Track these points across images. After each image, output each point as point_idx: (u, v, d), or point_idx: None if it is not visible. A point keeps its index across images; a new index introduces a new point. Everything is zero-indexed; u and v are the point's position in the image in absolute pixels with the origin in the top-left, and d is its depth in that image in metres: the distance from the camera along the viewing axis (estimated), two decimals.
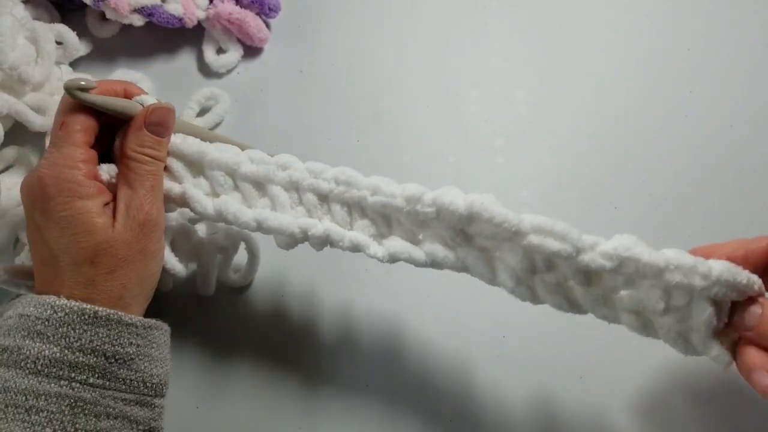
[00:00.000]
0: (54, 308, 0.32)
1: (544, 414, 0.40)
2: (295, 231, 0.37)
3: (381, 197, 0.35)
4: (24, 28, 0.47)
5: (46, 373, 0.32)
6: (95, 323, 0.33)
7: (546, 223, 0.32)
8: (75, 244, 0.34)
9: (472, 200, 0.33)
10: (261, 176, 0.37)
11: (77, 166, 0.35)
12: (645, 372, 0.41)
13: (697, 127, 0.47)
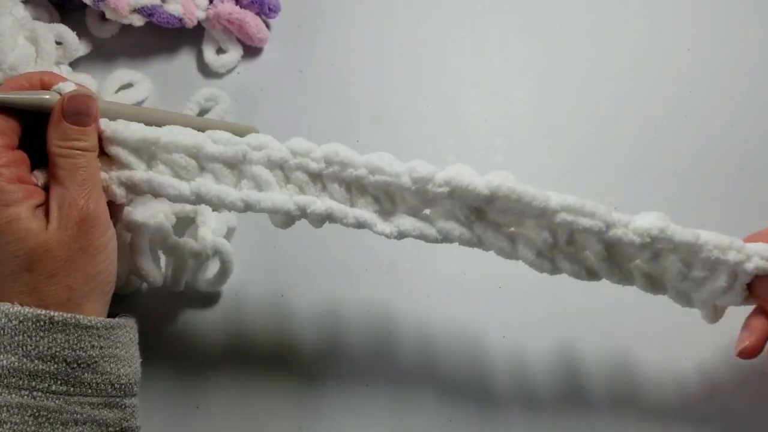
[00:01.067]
0: (8, 316, 0.31)
1: (544, 413, 0.40)
2: (291, 208, 0.35)
3: (383, 176, 0.34)
4: (24, 28, 0.47)
5: (6, 384, 0.31)
6: (52, 329, 0.31)
7: (575, 202, 0.33)
8: (9, 254, 0.32)
9: (497, 184, 0.33)
10: (231, 156, 0.35)
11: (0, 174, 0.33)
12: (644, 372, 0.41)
13: (697, 127, 0.47)
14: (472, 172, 0.34)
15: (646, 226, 0.33)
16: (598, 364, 0.41)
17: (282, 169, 0.35)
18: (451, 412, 0.41)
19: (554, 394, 0.41)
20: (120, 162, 0.36)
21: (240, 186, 0.35)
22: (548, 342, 0.42)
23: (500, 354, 0.42)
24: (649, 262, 0.35)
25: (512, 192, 0.33)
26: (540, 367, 0.41)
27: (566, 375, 0.41)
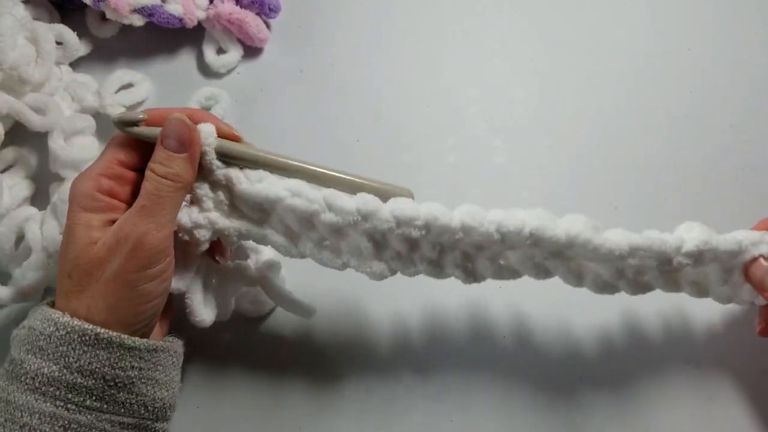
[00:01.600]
0: (56, 325, 0.32)
1: (542, 413, 0.40)
2: (386, 274, 0.37)
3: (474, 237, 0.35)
4: (24, 28, 0.47)
5: (43, 392, 0.31)
6: (96, 345, 0.32)
7: (643, 243, 0.35)
8: (62, 254, 0.33)
9: (575, 233, 0.34)
10: (342, 226, 0.35)
11: (94, 178, 0.34)
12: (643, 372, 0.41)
13: (697, 127, 0.47)
14: (550, 217, 0.35)
15: (694, 247, 0.35)
16: (597, 363, 0.41)
17: (384, 236, 0.36)
18: (451, 412, 0.41)
19: (555, 394, 0.41)
20: (236, 211, 0.37)
21: (341, 249, 0.37)
22: (548, 341, 0.42)
23: (499, 354, 0.42)
24: (695, 270, 0.37)
25: (588, 243, 0.34)
26: (539, 367, 0.41)
27: (567, 375, 0.41)
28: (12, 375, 0.32)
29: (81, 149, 0.47)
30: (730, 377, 0.40)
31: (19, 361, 0.32)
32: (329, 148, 0.49)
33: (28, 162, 0.50)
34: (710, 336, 0.41)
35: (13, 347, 0.33)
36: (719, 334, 0.41)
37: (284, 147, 0.49)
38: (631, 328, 0.41)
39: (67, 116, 0.47)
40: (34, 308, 0.34)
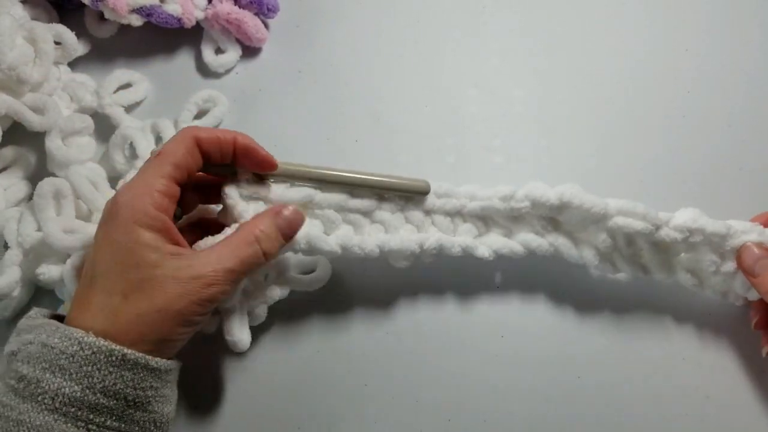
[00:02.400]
0: (81, 345, 0.31)
1: (542, 413, 0.40)
2: (413, 247, 0.39)
3: (479, 202, 0.40)
4: (22, 28, 0.47)
5: (64, 412, 0.30)
6: (121, 366, 0.31)
7: (628, 204, 0.38)
8: (117, 272, 0.32)
9: (562, 191, 0.38)
10: (369, 205, 0.40)
11: (152, 196, 0.33)
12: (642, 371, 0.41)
13: (695, 127, 0.47)
14: (545, 186, 0.39)
15: (682, 221, 0.38)
16: (594, 363, 0.41)
17: (402, 211, 0.41)
18: (450, 412, 0.41)
19: (553, 394, 0.41)
20: None
21: (369, 232, 0.40)
22: (546, 341, 0.42)
23: (498, 354, 0.42)
24: (688, 255, 0.40)
25: (576, 198, 0.38)
26: (538, 367, 0.41)
27: (564, 376, 0.41)
28: (26, 394, 0.31)
29: (78, 149, 0.47)
30: (728, 377, 0.40)
31: (34, 380, 0.31)
32: (328, 148, 0.49)
33: (26, 162, 0.50)
34: (709, 335, 0.41)
35: (22, 364, 0.31)
36: (718, 333, 0.41)
37: (282, 146, 0.49)
38: (630, 327, 0.42)
39: (65, 116, 0.47)
40: (37, 323, 0.33)
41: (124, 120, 0.50)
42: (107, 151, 0.48)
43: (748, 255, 0.37)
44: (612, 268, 0.40)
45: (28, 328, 0.33)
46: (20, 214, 0.45)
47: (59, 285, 0.42)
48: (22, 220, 0.44)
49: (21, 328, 0.34)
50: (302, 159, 0.49)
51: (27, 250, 0.43)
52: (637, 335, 0.42)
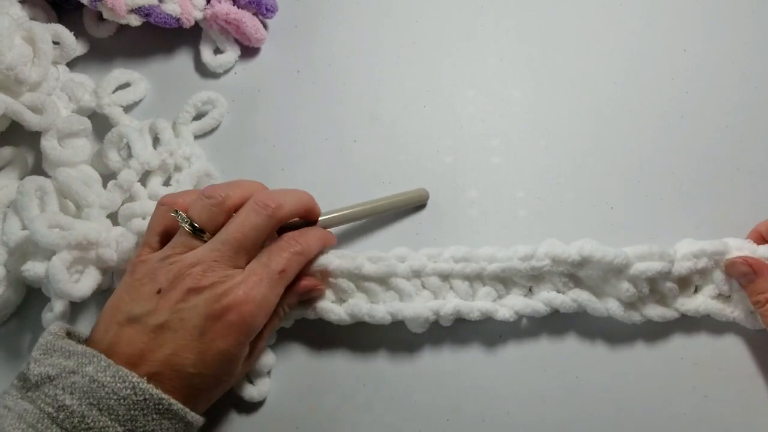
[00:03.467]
0: (135, 389, 0.31)
1: (541, 413, 0.40)
2: (428, 315, 0.40)
3: (499, 264, 0.40)
4: (21, 28, 0.47)
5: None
6: (164, 415, 0.32)
7: (644, 248, 0.39)
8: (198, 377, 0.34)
9: (582, 246, 0.39)
10: (383, 273, 0.41)
11: (268, 314, 0.36)
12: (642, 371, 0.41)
13: (693, 127, 0.47)
14: (561, 243, 0.40)
15: (685, 250, 0.40)
16: (594, 363, 0.41)
17: (419, 276, 0.41)
18: (449, 412, 0.41)
19: (552, 394, 0.41)
20: None
21: (384, 299, 0.41)
22: (545, 341, 0.42)
23: (497, 354, 0.42)
24: (708, 286, 0.41)
25: (597, 252, 0.38)
26: (537, 366, 0.42)
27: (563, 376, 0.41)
28: (66, 425, 0.30)
29: (73, 151, 0.47)
30: (727, 376, 0.40)
31: (79, 414, 0.30)
32: (326, 149, 0.49)
33: (23, 162, 0.50)
34: (709, 334, 0.41)
35: (63, 393, 0.31)
36: (717, 332, 0.41)
37: (281, 147, 0.50)
38: (630, 327, 0.42)
39: (63, 117, 0.47)
40: (77, 350, 0.33)
41: (123, 120, 0.50)
42: (101, 149, 0.48)
43: (732, 270, 0.40)
44: (640, 316, 0.40)
45: (64, 353, 0.33)
46: (4, 214, 0.44)
47: (45, 282, 0.42)
48: (7, 219, 0.44)
49: (50, 347, 0.34)
50: (302, 159, 0.49)
51: (12, 249, 0.43)
52: (637, 335, 0.42)
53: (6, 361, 0.45)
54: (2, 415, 0.31)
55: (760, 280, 0.38)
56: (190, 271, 0.35)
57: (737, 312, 0.40)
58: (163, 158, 0.47)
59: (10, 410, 0.31)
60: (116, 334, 0.34)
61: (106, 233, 0.43)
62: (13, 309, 0.46)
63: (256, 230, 0.36)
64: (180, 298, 0.34)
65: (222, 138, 0.51)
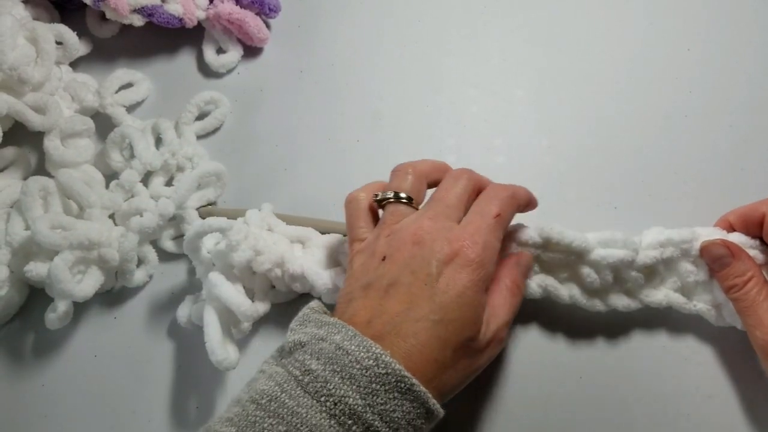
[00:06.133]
0: (378, 361, 0.30)
1: (543, 413, 0.40)
2: None
3: None
4: (24, 28, 0.47)
5: (341, 421, 0.29)
6: (406, 395, 0.31)
7: (607, 235, 0.38)
8: (441, 323, 0.32)
9: (542, 226, 0.38)
10: None
11: (495, 256, 0.35)
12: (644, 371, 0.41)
13: (697, 127, 0.47)
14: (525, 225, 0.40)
15: (651, 239, 0.39)
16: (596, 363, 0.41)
17: None
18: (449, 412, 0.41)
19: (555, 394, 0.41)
20: None
21: None
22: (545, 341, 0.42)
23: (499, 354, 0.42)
24: (672, 278, 0.40)
25: (557, 234, 0.38)
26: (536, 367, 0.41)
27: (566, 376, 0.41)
28: (309, 389, 0.30)
29: (76, 151, 0.47)
30: (731, 376, 0.40)
31: (322, 379, 0.30)
32: (329, 149, 0.49)
33: (26, 162, 0.50)
34: (709, 335, 0.41)
35: (311, 358, 0.31)
36: (720, 332, 0.41)
37: (283, 147, 0.50)
38: (630, 327, 0.41)
39: (66, 117, 0.47)
40: (329, 320, 0.33)
41: (126, 120, 0.50)
42: (104, 149, 0.48)
43: (707, 253, 0.39)
44: (603, 305, 0.40)
45: (317, 323, 0.33)
46: (7, 214, 0.45)
47: (48, 282, 0.42)
48: (10, 219, 0.44)
49: (306, 319, 0.34)
50: (304, 158, 0.49)
51: (16, 249, 0.43)
52: (639, 334, 0.41)
53: (9, 361, 0.45)
54: (257, 378, 0.32)
55: (737, 263, 0.37)
56: (410, 231, 0.35)
57: (700, 305, 0.39)
58: (165, 158, 0.47)
59: (263, 373, 0.32)
60: (351, 308, 0.34)
61: (108, 233, 0.43)
62: (16, 309, 0.46)
63: (463, 189, 0.37)
64: (408, 254, 0.34)
65: (225, 138, 0.51)
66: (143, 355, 0.44)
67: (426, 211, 0.36)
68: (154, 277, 0.46)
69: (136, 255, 0.44)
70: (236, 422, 0.30)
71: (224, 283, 0.39)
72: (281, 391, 0.30)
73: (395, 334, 0.32)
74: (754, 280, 0.37)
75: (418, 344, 0.32)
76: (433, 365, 0.32)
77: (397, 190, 0.38)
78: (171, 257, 0.47)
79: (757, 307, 0.36)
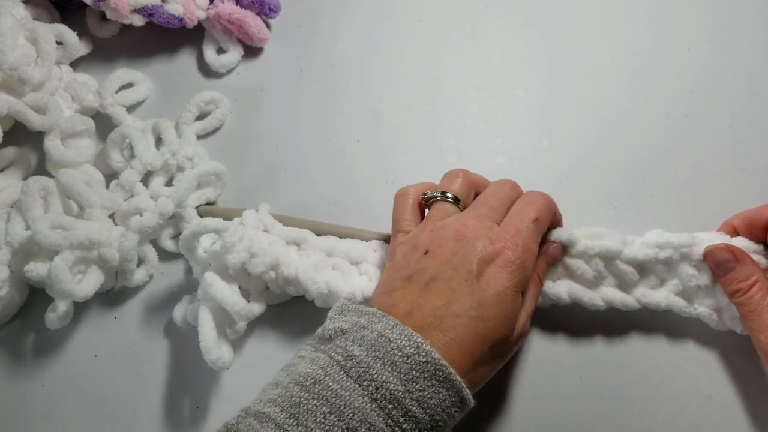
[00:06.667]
0: (418, 349, 0.31)
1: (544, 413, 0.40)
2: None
3: None
4: (24, 28, 0.47)
5: (382, 405, 0.30)
6: (442, 383, 0.31)
7: (597, 230, 0.39)
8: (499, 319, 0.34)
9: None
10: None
11: (534, 259, 0.36)
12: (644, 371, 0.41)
13: (697, 127, 0.47)
14: None
15: (649, 238, 0.39)
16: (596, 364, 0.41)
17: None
18: None
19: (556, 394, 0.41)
20: None
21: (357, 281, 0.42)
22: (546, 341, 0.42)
23: None
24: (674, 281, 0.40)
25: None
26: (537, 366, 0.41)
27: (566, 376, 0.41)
28: (352, 373, 0.31)
29: (76, 151, 0.47)
30: (731, 377, 0.40)
31: (364, 364, 0.31)
32: (329, 149, 0.49)
33: (26, 162, 0.50)
34: (710, 336, 0.41)
35: (353, 344, 0.32)
36: (720, 332, 0.41)
37: (283, 147, 0.50)
38: (630, 328, 0.41)
39: (67, 117, 0.47)
40: (368, 310, 0.34)
41: (126, 120, 0.50)
42: (104, 148, 0.48)
43: (711, 258, 0.39)
44: (600, 298, 0.40)
45: (356, 311, 0.34)
46: (8, 214, 0.45)
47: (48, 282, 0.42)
48: (10, 219, 0.44)
49: (345, 308, 0.35)
50: (305, 158, 0.49)
51: (16, 249, 0.43)
52: (639, 335, 0.41)
53: (9, 361, 0.45)
54: (296, 363, 0.33)
55: (742, 267, 0.37)
56: (454, 228, 0.36)
57: (701, 309, 0.39)
58: (166, 158, 0.47)
59: (303, 358, 0.33)
60: (391, 298, 0.35)
61: (108, 233, 0.43)
62: (17, 309, 0.46)
63: (506, 195, 0.38)
64: (450, 251, 0.35)
65: (225, 138, 0.51)
66: (143, 355, 0.44)
67: (470, 211, 0.38)
68: (154, 277, 0.46)
69: (136, 255, 0.44)
70: (280, 403, 0.31)
71: (219, 283, 0.39)
72: (325, 374, 0.31)
73: (435, 326, 0.33)
74: (758, 285, 0.37)
75: (456, 338, 0.33)
76: (469, 359, 0.33)
77: (446, 190, 0.39)
78: (171, 257, 0.47)
79: (762, 311, 0.36)
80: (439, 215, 0.38)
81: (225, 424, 0.32)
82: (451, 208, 0.38)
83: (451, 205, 0.39)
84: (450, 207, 0.38)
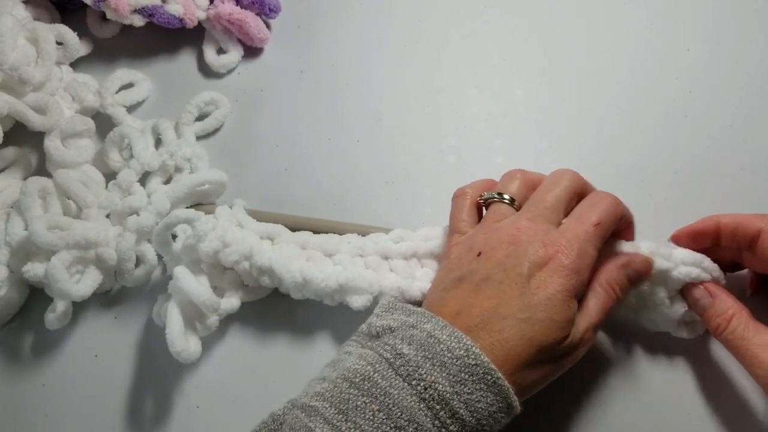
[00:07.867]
0: (467, 352, 0.31)
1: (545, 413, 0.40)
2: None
3: (434, 241, 0.41)
4: (24, 28, 0.47)
5: (430, 406, 0.30)
6: (491, 388, 0.31)
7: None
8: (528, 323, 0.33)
9: None
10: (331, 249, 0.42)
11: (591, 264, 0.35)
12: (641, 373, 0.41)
13: (697, 127, 0.47)
14: None
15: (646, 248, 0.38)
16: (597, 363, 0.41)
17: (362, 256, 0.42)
18: None
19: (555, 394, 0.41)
20: None
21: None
22: None
23: None
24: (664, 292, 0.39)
25: None
26: None
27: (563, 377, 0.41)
28: (401, 372, 0.31)
29: (77, 151, 0.47)
30: (730, 377, 0.40)
31: (414, 363, 0.31)
32: (329, 149, 0.49)
33: (27, 162, 0.50)
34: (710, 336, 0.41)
35: (402, 342, 0.32)
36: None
37: (284, 147, 0.50)
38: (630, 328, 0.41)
39: (67, 117, 0.47)
40: (416, 309, 0.34)
41: (126, 120, 0.50)
42: (103, 148, 0.48)
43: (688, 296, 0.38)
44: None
45: (404, 310, 0.35)
46: (7, 214, 0.45)
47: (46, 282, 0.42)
48: (10, 219, 0.44)
49: (392, 306, 0.36)
50: (305, 159, 0.49)
51: (15, 249, 0.43)
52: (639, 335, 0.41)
53: (9, 361, 0.45)
54: (343, 359, 0.33)
55: (716, 302, 0.37)
56: (508, 230, 0.36)
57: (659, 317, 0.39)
58: (164, 159, 0.47)
59: (350, 354, 0.33)
60: (442, 298, 0.35)
61: (105, 233, 0.43)
62: (16, 309, 0.46)
63: (563, 191, 0.38)
64: (503, 253, 0.35)
65: (225, 138, 0.51)
66: (143, 355, 0.44)
67: (525, 212, 0.37)
68: (153, 277, 0.46)
69: (134, 254, 0.44)
70: (328, 398, 0.31)
71: (188, 276, 0.39)
72: (374, 371, 0.31)
73: (482, 327, 0.33)
74: (736, 317, 0.36)
75: (502, 339, 0.32)
76: (515, 360, 0.32)
77: (503, 191, 0.39)
78: None
79: (749, 344, 0.35)
80: (496, 217, 0.38)
81: (271, 415, 0.32)
82: (507, 209, 0.38)
83: (507, 207, 0.38)
84: (506, 208, 0.38)
